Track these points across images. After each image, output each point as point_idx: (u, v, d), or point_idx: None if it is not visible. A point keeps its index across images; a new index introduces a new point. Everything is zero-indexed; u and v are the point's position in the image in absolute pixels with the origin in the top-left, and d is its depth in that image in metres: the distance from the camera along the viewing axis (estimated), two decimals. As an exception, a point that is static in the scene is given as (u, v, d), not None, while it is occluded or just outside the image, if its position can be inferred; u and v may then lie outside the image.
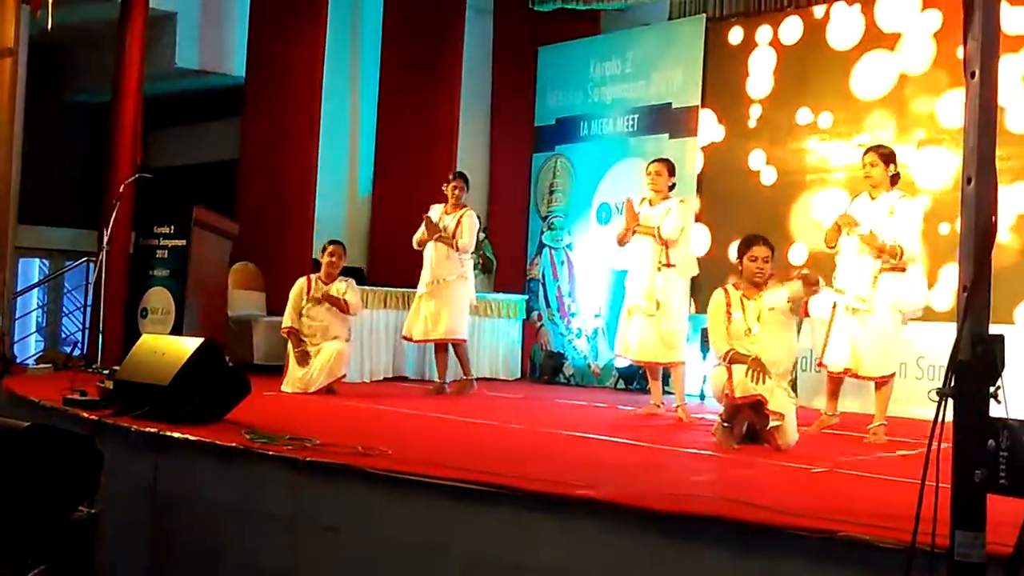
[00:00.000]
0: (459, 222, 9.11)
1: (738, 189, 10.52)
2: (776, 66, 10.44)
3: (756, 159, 10.49)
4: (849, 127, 9.84)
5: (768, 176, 10.38)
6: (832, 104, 9.98)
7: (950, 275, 8.36)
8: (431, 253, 9.16)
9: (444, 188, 9.28)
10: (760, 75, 10.55)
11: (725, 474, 5.18)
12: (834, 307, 7.05)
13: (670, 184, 8.05)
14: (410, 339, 9.40)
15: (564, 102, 12.24)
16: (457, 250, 9.08)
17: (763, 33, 10.55)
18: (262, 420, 5.86)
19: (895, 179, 6.97)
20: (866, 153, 7.13)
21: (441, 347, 9.32)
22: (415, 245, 9.18)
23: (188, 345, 6.06)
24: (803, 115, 10.16)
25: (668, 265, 7.89)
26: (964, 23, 2.64)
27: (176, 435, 5.30)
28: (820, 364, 7.28)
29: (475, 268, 11.34)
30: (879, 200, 6.90)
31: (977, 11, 2.61)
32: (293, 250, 10.58)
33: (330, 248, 8.90)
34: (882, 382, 6.89)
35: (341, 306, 8.72)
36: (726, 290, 6.47)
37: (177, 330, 9.08)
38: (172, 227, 9.65)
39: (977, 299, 2.40)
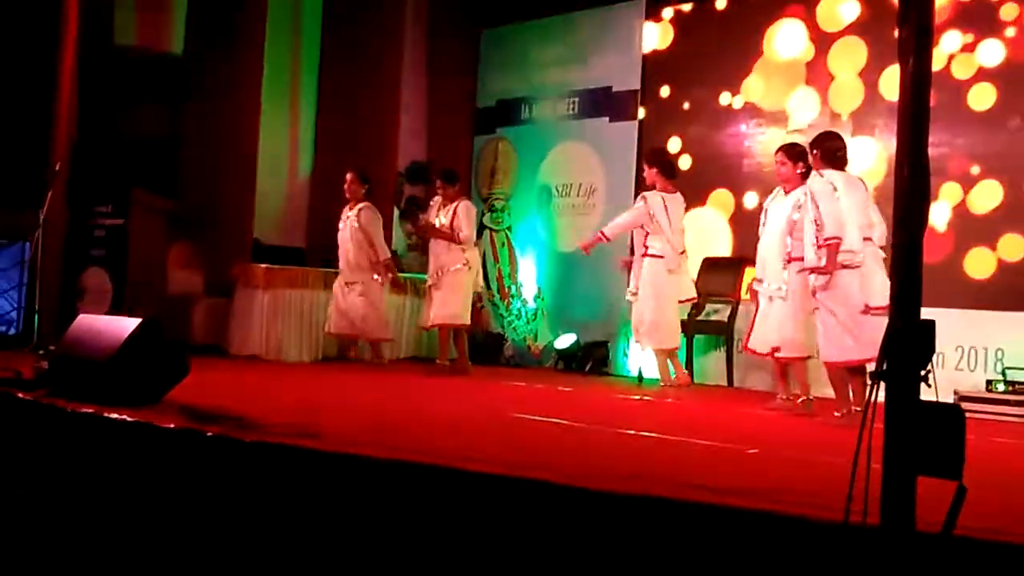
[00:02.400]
0: (455, 214, 9.35)
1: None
2: (705, 50, 10.56)
3: (674, 144, 10.65)
4: (775, 113, 10.01)
5: (684, 162, 10.50)
6: (756, 91, 10.13)
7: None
8: (433, 246, 9.58)
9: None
10: (690, 59, 10.67)
11: (663, 456, 5.24)
12: (756, 295, 7.52)
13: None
14: (424, 328, 9.89)
15: (506, 85, 12.26)
16: (459, 242, 9.39)
17: (700, 19, 10.66)
18: (201, 401, 5.82)
19: (805, 175, 7.21)
20: (777, 151, 7.57)
21: (444, 330, 9.60)
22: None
23: (126, 324, 6.00)
24: (725, 100, 10.32)
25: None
26: (899, 11, 2.71)
27: (113, 416, 5.26)
28: (745, 348, 7.56)
29: (412, 249, 11.43)
30: (789, 197, 7.30)
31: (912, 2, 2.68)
32: (232, 231, 10.51)
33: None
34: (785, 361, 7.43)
35: None
36: None
37: (114, 311, 8.98)
38: (110, 206, 9.55)
39: (909, 285, 2.46)
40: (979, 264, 8.64)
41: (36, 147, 9.91)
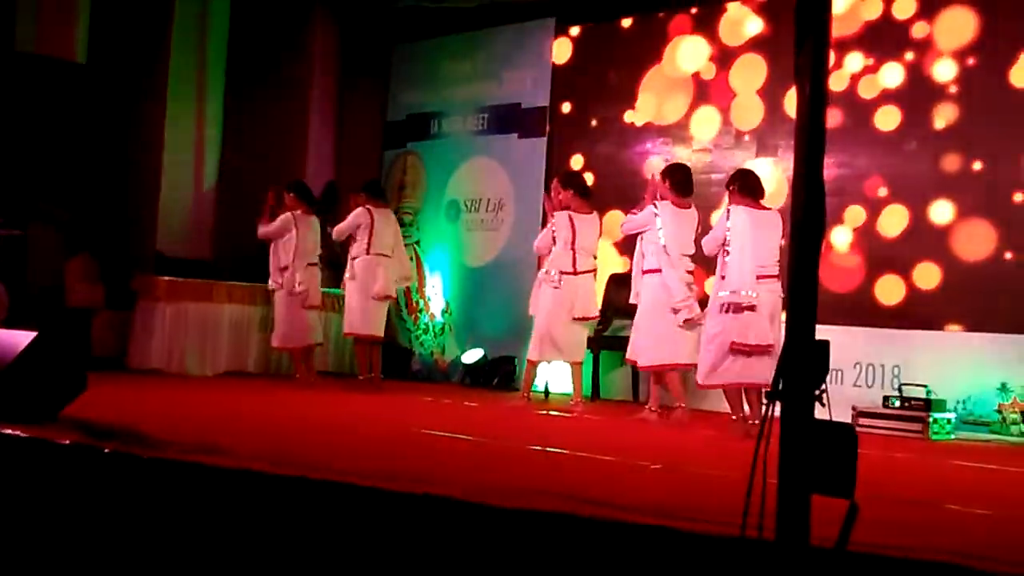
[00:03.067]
0: None
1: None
2: (612, 68, 10.69)
3: (576, 161, 10.79)
4: (678, 131, 10.17)
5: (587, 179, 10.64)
6: (660, 109, 10.29)
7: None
8: None
9: None
10: (597, 77, 10.79)
11: (565, 471, 5.26)
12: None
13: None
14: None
15: (415, 99, 12.25)
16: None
17: (606, 37, 10.79)
18: (99, 416, 5.71)
19: (673, 192, 7.85)
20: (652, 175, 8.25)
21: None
22: None
23: (21, 338, 5.85)
24: (630, 118, 10.48)
25: None
26: (796, 36, 2.76)
27: (7, 432, 5.13)
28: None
29: (321, 262, 11.35)
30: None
31: (809, 28, 2.74)
32: (133, 242, 10.35)
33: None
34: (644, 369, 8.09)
35: None
36: None
37: (11, 323, 8.76)
38: (5, 217, 9.33)
39: (803, 306, 2.51)
40: (889, 290, 8.84)
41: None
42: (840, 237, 9.04)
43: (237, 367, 10.27)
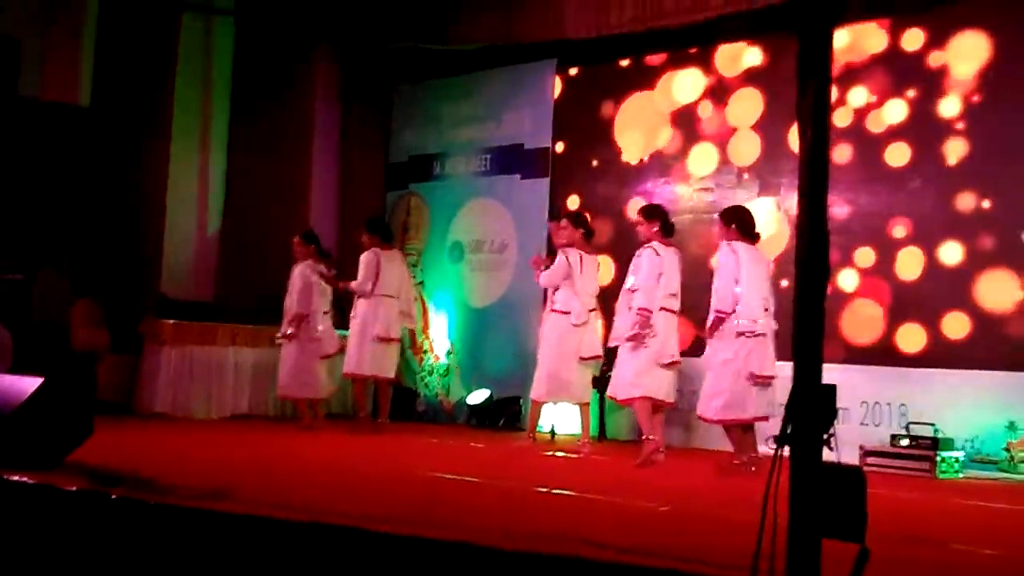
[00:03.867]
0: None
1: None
2: (613, 107, 10.76)
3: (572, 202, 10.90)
4: (679, 170, 10.22)
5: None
6: (661, 147, 10.36)
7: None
8: None
9: None
10: (598, 116, 10.86)
11: (574, 513, 5.25)
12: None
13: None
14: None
15: (418, 141, 12.31)
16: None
17: (608, 79, 10.86)
18: (105, 462, 5.70)
19: (659, 233, 7.82)
20: (637, 212, 8.16)
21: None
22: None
23: (27, 384, 5.86)
24: (631, 157, 10.55)
25: None
26: (798, 85, 2.79)
27: (13, 478, 5.12)
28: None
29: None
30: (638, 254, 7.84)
31: (811, 74, 2.76)
32: (138, 286, 10.38)
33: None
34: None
35: None
36: None
37: (16, 368, 8.76)
38: (10, 262, 9.37)
39: (810, 349, 2.52)
40: (898, 330, 8.82)
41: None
42: (846, 276, 9.01)
43: (242, 410, 10.25)
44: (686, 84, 10.29)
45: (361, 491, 5.74)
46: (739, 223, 7.44)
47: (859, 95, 9.15)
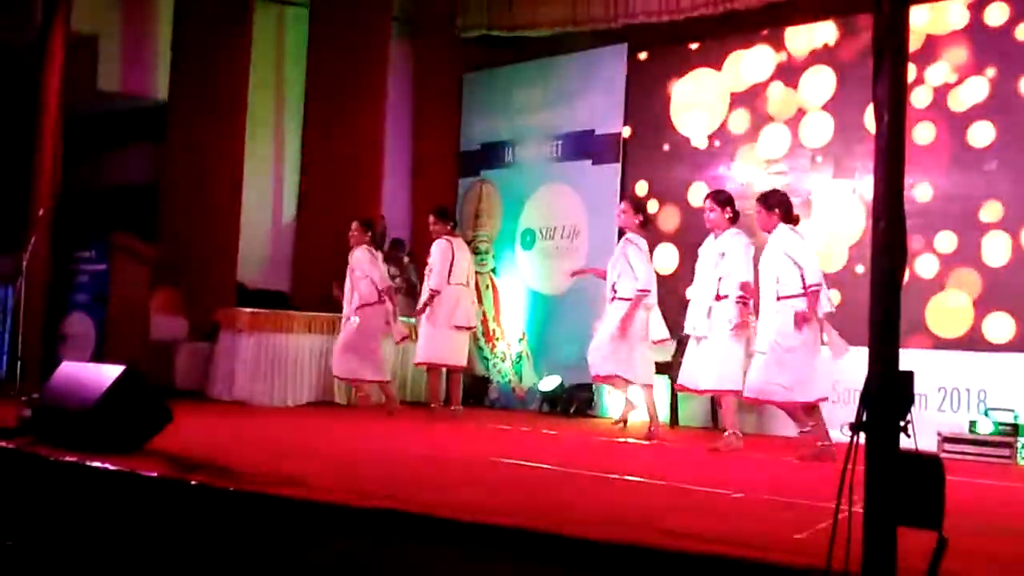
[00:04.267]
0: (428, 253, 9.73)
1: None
2: (684, 91, 10.67)
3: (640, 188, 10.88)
4: (751, 153, 10.10)
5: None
6: (734, 130, 10.23)
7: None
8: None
9: None
10: (669, 101, 10.79)
11: (644, 501, 5.24)
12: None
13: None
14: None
15: (488, 128, 12.32)
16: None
17: (678, 63, 10.78)
18: (184, 448, 5.80)
19: (734, 219, 7.69)
20: (705, 198, 7.93)
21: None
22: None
23: (109, 372, 5.99)
24: (702, 141, 10.45)
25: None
26: (874, 67, 2.74)
27: (96, 464, 5.24)
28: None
29: (402, 292, 11.48)
30: (719, 240, 7.69)
31: (887, 56, 2.71)
32: (215, 275, 10.54)
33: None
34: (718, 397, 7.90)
35: None
36: None
37: (97, 356, 8.97)
38: (92, 252, 9.57)
39: (887, 336, 2.49)
40: (972, 313, 8.67)
41: (20, 192, 9.93)
42: (926, 262, 8.86)
43: (318, 398, 10.36)
44: (756, 65, 10.19)
45: (435, 478, 5.78)
46: (782, 208, 7.39)
47: (939, 72, 8.96)
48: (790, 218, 7.41)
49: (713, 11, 9.98)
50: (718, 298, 7.63)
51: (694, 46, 10.73)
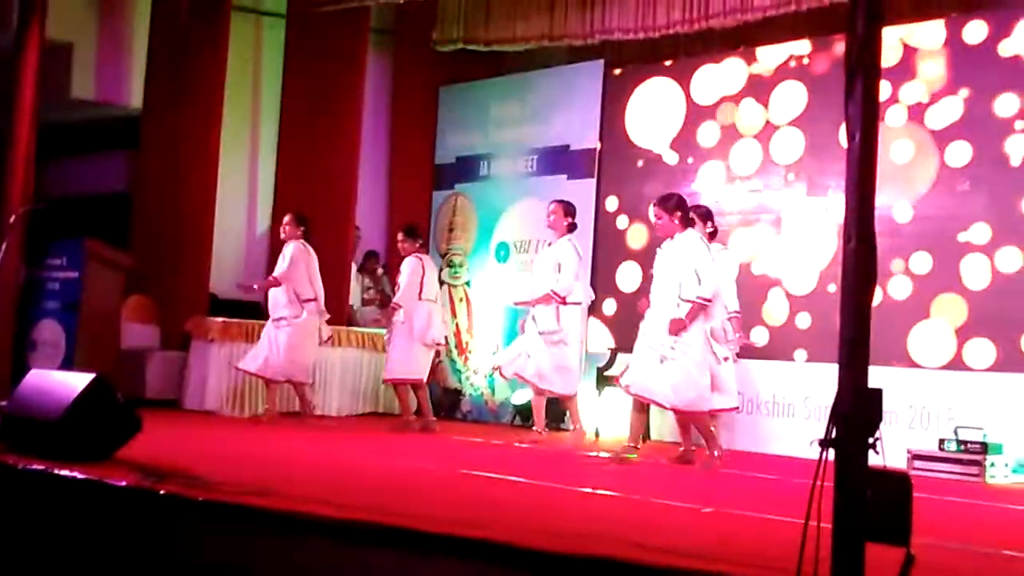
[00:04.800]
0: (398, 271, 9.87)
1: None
2: (658, 107, 10.73)
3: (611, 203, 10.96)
4: (723, 168, 10.16)
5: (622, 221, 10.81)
6: (707, 146, 10.29)
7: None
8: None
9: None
10: (643, 116, 10.84)
11: (617, 514, 5.25)
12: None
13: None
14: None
15: (464, 141, 12.34)
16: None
17: (652, 79, 10.84)
18: (153, 458, 5.77)
19: (684, 223, 7.55)
20: (652, 206, 7.81)
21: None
22: None
23: (78, 380, 5.95)
24: (675, 158, 10.52)
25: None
26: (846, 88, 2.77)
27: (64, 473, 5.20)
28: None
29: (367, 304, 11.49)
30: (672, 244, 7.58)
31: (858, 76, 2.74)
32: (189, 284, 10.49)
33: None
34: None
35: None
36: None
37: (68, 364, 8.91)
38: (64, 259, 9.52)
39: (857, 353, 2.51)
40: (939, 332, 8.72)
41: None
42: (895, 278, 8.91)
43: (289, 408, 10.32)
44: (728, 81, 10.24)
45: (401, 489, 5.77)
46: (683, 211, 7.52)
47: (915, 91, 9.02)
48: (692, 223, 7.54)
49: (688, 29, 10.02)
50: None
51: (669, 63, 10.78)
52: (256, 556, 4.45)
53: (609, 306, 10.86)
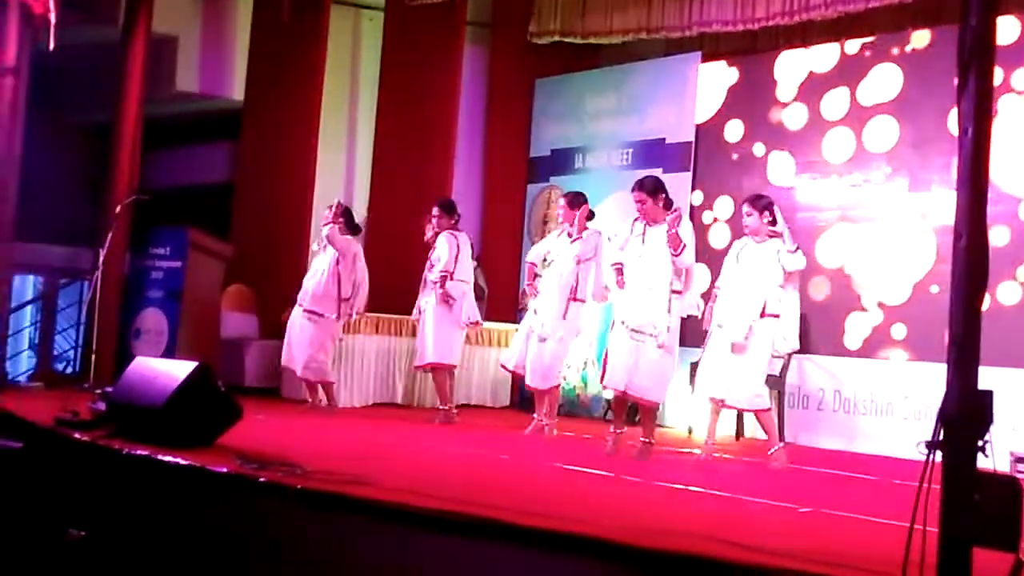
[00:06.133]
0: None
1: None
2: (756, 100, 10.58)
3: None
4: (822, 163, 9.98)
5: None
6: (805, 141, 10.12)
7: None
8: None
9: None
10: (742, 110, 10.70)
11: (712, 512, 5.21)
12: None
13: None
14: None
15: (559, 134, 12.31)
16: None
17: (755, 71, 10.70)
18: (253, 445, 5.87)
19: (772, 224, 7.44)
20: (743, 203, 7.73)
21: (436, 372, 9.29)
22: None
23: (181, 368, 6.09)
24: (770, 151, 10.36)
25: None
26: (958, 81, 2.70)
27: (167, 459, 5.32)
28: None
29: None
30: (764, 248, 7.46)
31: (972, 69, 2.67)
32: (287, 273, 10.63)
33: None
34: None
35: None
36: None
37: (170, 351, 9.11)
38: (167, 248, 9.73)
39: (967, 354, 2.45)
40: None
41: (99, 188, 10.13)
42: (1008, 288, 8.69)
43: (385, 398, 10.42)
44: (826, 74, 10.06)
45: (496, 482, 5.79)
46: (666, 194, 7.43)
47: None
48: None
49: (788, 20, 9.89)
50: (763, 315, 7.40)
51: (766, 54, 10.63)
52: (351, 545, 4.50)
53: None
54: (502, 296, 12.11)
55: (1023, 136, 8.54)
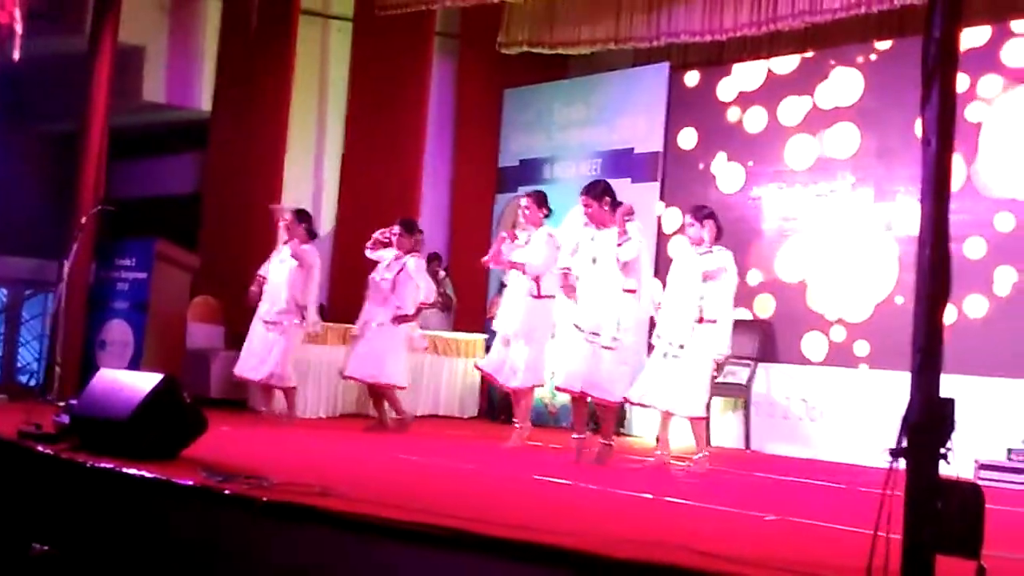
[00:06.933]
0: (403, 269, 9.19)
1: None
2: (725, 112, 10.63)
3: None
4: (791, 175, 10.05)
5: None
6: (772, 151, 10.18)
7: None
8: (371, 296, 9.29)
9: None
10: (710, 121, 10.75)
11: (679, 521, 5.21)
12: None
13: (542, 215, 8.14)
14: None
15: (528, 144, 12.33)
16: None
17: (717, 80, 10.77)
18: (218, 457, 5.83)
19: (718, 237, 7.52)
20: (686, 214, 7.80)
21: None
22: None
23: (147, 380, 6.03)
24: (738, 163, 10.41)
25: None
26: (922, 93, 2.72)
27: (132, 472, 5.27)
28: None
29: (435, 306, 11.42)
30: (703, 256, 7.53)
31: (936, 80, 2.70)
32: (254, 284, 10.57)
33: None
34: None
35: None
36: None
37: (135, 363, 9.04)
38: (134, 259, 9.66)
39: (930, 363, 2.47)
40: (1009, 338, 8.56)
41: (64, 199, 10.05)
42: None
43: (354, 409, 10.38)
44: (797, 85, 10.14)
45: (464, 492, 5.78)
46: (612, 196, 7.49)
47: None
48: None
49: (756, 31, 9.96)
50: (701, 320, 7.45)
51: (736, 65, 10.71)
52: (319, 557, 4.48)
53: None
54: (470, 307, 12.11)
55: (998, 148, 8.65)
